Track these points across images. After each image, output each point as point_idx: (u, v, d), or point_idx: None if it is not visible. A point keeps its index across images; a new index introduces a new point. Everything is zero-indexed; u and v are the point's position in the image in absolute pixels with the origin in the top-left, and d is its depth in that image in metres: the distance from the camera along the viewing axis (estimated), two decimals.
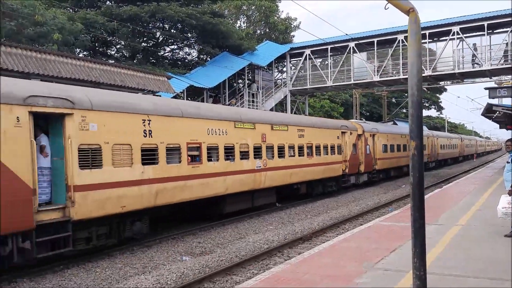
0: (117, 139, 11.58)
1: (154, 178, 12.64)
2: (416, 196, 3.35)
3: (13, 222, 8.95)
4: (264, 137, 18.31)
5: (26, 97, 9.50)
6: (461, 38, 32.73)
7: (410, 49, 3.39)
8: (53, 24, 24.13)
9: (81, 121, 10.66)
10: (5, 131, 9.03)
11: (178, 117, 13.85)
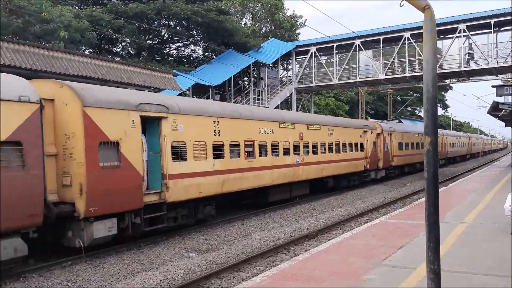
0: (196, 137, 14.26)
1: (221, 169, 15.30)
2: (430, 191, 3.37)
3: (130, 202, 11.71)
4: (301, 135, 20.74)
5: (138, 104, 12.17)
6: (468, 35, 32.60)
7: (426, 46, 3.41)
8: (60, 22, 24.23)
9: (173, 122, 13.30)
10: (125, 131, 11.65)
11: (238, 119, 16.53)
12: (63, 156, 10.82)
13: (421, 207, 15.06)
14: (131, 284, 8.96)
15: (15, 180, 9.29)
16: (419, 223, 11.82)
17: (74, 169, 10.70)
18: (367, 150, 27.96)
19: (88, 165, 10.69)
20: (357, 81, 38.01)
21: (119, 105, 11.72)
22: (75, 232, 10.79)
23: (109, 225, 11.25)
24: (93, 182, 10.76)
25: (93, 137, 10.92)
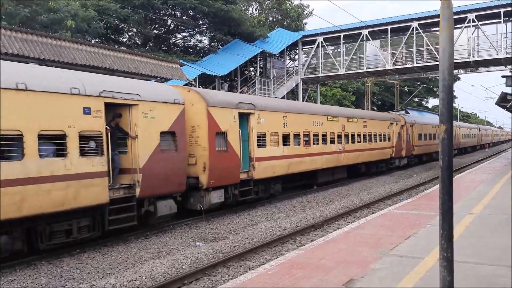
0: (272, 128, 17.96)
1: (288, 154, 19.02)
2: (445, 179, 3.37)
3: (232, 178, 15.60)
4: (343, 127, 24.36)
5: (237, 103, 16.23)
6: (477, 25, 32.30)
7: (442, 34, 3.39)
8: (67, 11, 24.23)
9: (258, 117, 17.11)
10: (230, 124, 15.46)
11: (299, 113, 20.28)
12: (189, 142, 14.49)
13: (428, 198, 15.05)
14: (139, 272, 9.03)
15: (171, 159, 12.92)
16: (426, 214, 11.81)
17: (199, 152, 14.55)
18: (393, 140, 31.25)
19: (209, 149, 14.56)
20: (364, 72, 37.84)
21: (227, 105, 15.64)
22: (195, 199, 14.64)
23: (220, 194, 15.20)
24: (212, 162, 14.59)
25: (212, 129, 14.75)
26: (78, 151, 10.21)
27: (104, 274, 9.26)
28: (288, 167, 19.01)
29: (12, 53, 12.73)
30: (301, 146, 20.05)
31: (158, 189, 12.48)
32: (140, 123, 12.02)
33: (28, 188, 9.14)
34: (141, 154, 11.96)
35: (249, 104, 16.87)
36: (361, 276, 6.69)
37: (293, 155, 19.36)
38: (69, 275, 9.19)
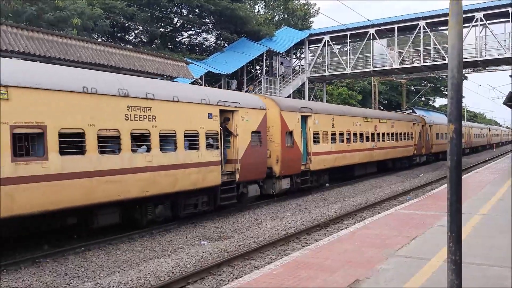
0: (323, 128, 21.49)
1: (334, 150, 22.51)
2: (453, 179, 3.29)
3: (296, 169, 19.21)
4: (376, 127, 27.90)
5: (300, 108, 19.82)
6: (485, 24, 32.06)
7: (452, 31, 3.31)
8: (73, 9, 24.29)
9: (314, 119, 20.52)
10: (295, 124, 18.99)
11: (343, 115, 23.99)
12: None
13: (434, 198, 14.94)
14: (144, 271, 9.00)
15: (258, 152, 16.55)
16: (432, 214, 11.72)
17: (272, 147, 17.98)
18: (415, 139, 34.42)
19: (281, 145, 18.04)
20: (370, 71, 37.68)
21: (292, 109, 19.30)
22: (268, 185, 17.98)
23: (287, 182, 18.67)
24: (283, 155, 18.04)
25: (283, 128, 18.25)
26: (205, 145, 13.91)
27: (108, 272, 9.24)
28: (335, 161, 22.66)
29: (18, 51, 12.75)
30: (344, 143, 23.69)
31: (249, 175, 16.21)
32: (239, 124, 15.67)
33: (178, 172, 12.94)
34: (239, 148, 15.59)
35: (307, 108, 20.64)
36: (367, 276, 6.63)
37: (338, 151, 22.95)
38: (74, 273, 9.18)
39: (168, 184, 12.49)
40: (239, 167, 15.45)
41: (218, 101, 14.57)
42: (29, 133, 9.37)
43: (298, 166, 19.35)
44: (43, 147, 9.51)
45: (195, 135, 13.59)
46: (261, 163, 16.87)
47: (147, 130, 11.97)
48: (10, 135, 8.91)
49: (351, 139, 24.34)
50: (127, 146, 11.38)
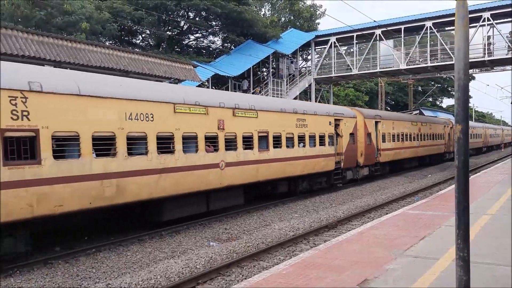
0: (388, 131, 28.09)
1: (394, 147, 29.08)
2: (461, 179, 3.36)
3: (372, 160, 25.69)
4: (419, 129, 34.35)
5: (374, 115, 26.49)
6: (492, 24, 31.94)
7: (458, 33, 3.38)
8: (81, 14, 24.51)
9: (382, 124, 27.02)
10: (372, 128, 26.00)
11: (399, 121, 30.76)
12: None
13: (442, 199, 14.93)
14: (154, 272, 9.11)
15: (353, 148, 23.36)
16: (441, 214, 11.73)
17: (358, 145, 24.28)
18: (445, 138, 41.43)
19: (364, 143, 24.81)
20: (377, 71, 37.64)
21: (371, 117, 26.18)
22: (354, 172, 24.27)
23: (367, 170, 25.67)
24: (365, 151, 24.86)
25: (365, 131, 25.00)
26: (328, 142, 21.17)
27: (119, 273, 9.36)
28: (394, 155, 29.15)
29: (29, 55, 12.92)
30: (400, 142, 29.99)
31: (348, 164, 23.06)
32: (343, 128, 22.64)
33: (316, 159, 20.14)
34: (343, 145, 22.58)
35: (379, 115, 27.72)
36: (376, 276, 6.68)
37: (397, 148, 29.35)
38: (85, 274, 9.30)
39: (312, 167, 19.93)
40: (343, 158, 22.49)
41: (334, 113, 22.21)
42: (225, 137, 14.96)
43: (373, 158, 26.20)
44: (236, 144, 15.26)
45: (323, 136, 20.92)
46: (354, 155, 23.87)
47: (303, 133, 19.28)
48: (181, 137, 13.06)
49: (404, 139, 30.86)
50: (296, 143, 18.74)
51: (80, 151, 10.17)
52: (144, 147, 11.69)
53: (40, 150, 9.35)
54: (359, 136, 24.11)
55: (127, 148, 11.13)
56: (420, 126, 34.35)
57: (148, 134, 11.73)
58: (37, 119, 9.32)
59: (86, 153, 10.26)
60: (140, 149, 11.67)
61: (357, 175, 24.48)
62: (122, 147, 11.01)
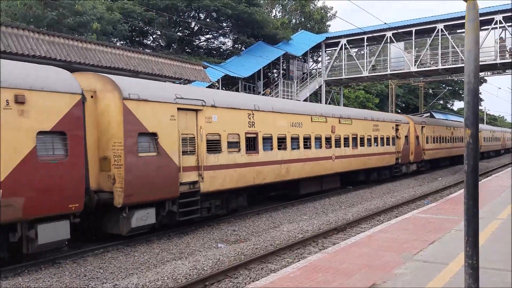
0: (430, 134, 33.68)
1: (435, 148, 34.88)
2: (470, 184, 3.29)
3: (420, 158, 31.76)
4: (452, 133, 40.37)
5: (421, 121, 33.14)
6: (504, 27, 31.63)
7: (468, 36, 3.32)
8: (92, 14, 24.63)
9: (426, 128, 33.20)
10: (419, 132, 31.68)
11: (439, 126, 36.98)
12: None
13: (453, 203, 14.78)
14: (161, 273, 9.09)
15: (406, 148, 29.26)
16: (451, 218, 11.61)
17: (410, 145, 29.50)
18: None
19: (414, 144, 30.08)
20: (388, 74, 37.42)
21: (418, 123, 31.75)
22: (407, 167, 29.48)
23: (415, 166, 30.81)
24: (415, 150, 30.24)
25: (415, 134, 30.34)
26: (392, 143, 26.42)
27: (127, 274, 9.36)
28: (434, 154, 34.90)
29: (40, 56, 12.99)
30: (438, 143, 35.84)
31: (403, 161, 28.79)
32: (401, 132, 28.46)
33: (382, 156, 25.76)
34: (401, 145, 28.22)
35: (424, 122, 33.72)
36: (384, 281, 6.61)
37: (436, 148, 35.15)
38: (93, 274, 9.32)
39: (381, 161, 25.98)
40: (400, 155, 28.08)
41: (395, 120, 28.27)
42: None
43: (420, 157, 31.34)
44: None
45: (388, 138, 26.78)
46: (407, 154, 29.24)
47: (376, 136, 25.30)
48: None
49: (441, 141, 36.52)
50: (372, 143, 24.93)
51: (272, 146, 16.69)
52: (297, 144, 18.23)
53: (258, 145, 15.90)
54: (410, 138, 29.70)
55: (290, 144, 17.75)
56: (452, 130, 40.71)
57: (299, 136, 18.38)
58: (257, 127, 15.86)
59: (275, 147, 16.82)
60: (295, 145, 18.11)
61: (408, 169, 29.87)
62: (289, 144, 17.61)
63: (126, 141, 10.92)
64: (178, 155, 12.32)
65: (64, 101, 9.70)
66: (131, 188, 10.96)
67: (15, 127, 8.82)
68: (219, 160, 13.82)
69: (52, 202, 9.42)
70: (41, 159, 9.25)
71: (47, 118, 9.37)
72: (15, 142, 8.83)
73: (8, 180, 8.68)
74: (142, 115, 11.42)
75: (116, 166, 10.91)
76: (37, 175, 9.14)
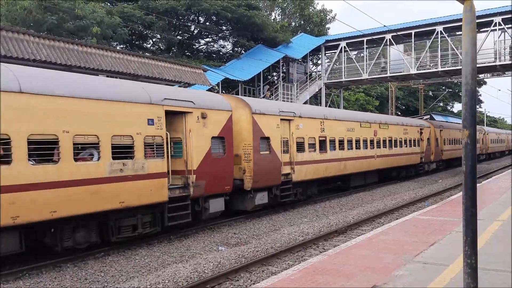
0: (447, 137, 37.80)
1: (449, 149, 38.01)
2: (468, 185, 3.32)
3: (437, 157, 35.31)
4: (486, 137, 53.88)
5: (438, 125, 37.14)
6: (503, 29, 31.68)
7: (465, 38, 3.35)
8: (92, 18, 24.69)
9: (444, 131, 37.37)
10: (431, 135, 33.56)
11: (448, 129, 38.69)
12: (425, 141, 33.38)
13: (453, 205, 14.79)
14: (162, 276, 9.11)
15: (428, 149, 33.02)
16: (451, 220, 11.62)
17: (431, 146, 33.41)
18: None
19: (434, 145, 34.03)
20: (387, 76, 37.46)
21: (437, 126, 35.72)
22: (428, 166, 33.62)
23: (435, 164, 34.79)
24: (434, 150, 34.00)
25: (435, 137, 34.27)
26: (416, 145, 31.00)
27: (127, 277, 9.36)
28: (450, 155, 38.35)
29: (40, 60, 13.03)
30: (453, 145, 39.36)
31: (426, 160, 32.74)
32: (424, 135, 32.01)
33: (407, 156, 29.41)
34: (424, 146, 31.41)
35: (441, 126, 37.03)
36: (385, 282, 6.62)
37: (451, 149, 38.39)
38: (94, 277, 9.32)
39: (409, 160, 29.80)
40: (423, 155, 32.24)
41: (419, 124, 32.39)
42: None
43: (439, 156, 35.62)
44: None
45: (415, 140, 30.75)
46: (429, 154, 33.08)
47: (405, 138, 29.23)
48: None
49: (455, 143, 40.05)
50: (403, 144, 28.85)
51: (335, 147, 20.94)
52: (351, 145, 22.52)
53: (327, 146, 20.27)
54: (431, 140, 33.28)
55: (347, 145, 22.05)
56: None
57: (353, 138, 22.67)
58: (326, 132, 20.22)
59: (337, 148, 21.07)
60: (349, 146, 22.38)
61: (429, 168, 33.62)
62: (346, 145, 21.89)
63: (254, 143, 15.42)
64: (280, 153, 16.83)
65: (224, 116, 14.25)
66: (256, 176, 15.42)
67: (201, 134, 13.23)
68: (303, 157, 18.31)
69: (218, 184, 13.90)
70: (213, 155, 13.67)
71: (216, 127, 13.83)
72: (201, 144, 13.24)
73: (198, 168, 13.00)
74: (262, 124, 15.89)
75: (246, 161, 15.30)
76: (211, 166, 13.52)
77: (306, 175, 18.56)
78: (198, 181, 12.88)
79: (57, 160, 9.35)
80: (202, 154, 13.12)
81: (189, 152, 12.82)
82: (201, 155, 13.07)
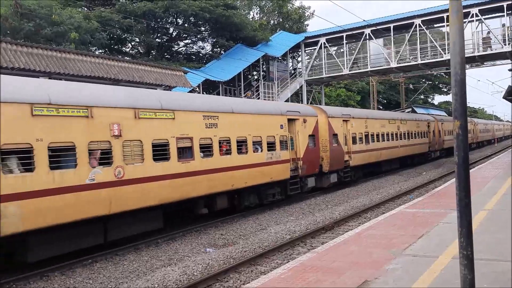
0: (447, 128, 42.42)
1: (449, 139, 42.04)
2: (461, 175, 3.32)
3: (440, 147, 41.48)
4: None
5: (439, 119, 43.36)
6: (480, 20, 32.11)
7: (452, 27, 3.35)
8: (70, 24, 24.35)
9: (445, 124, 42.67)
10: (435, 128, 40.12)
11: (448, 122, 42.54)
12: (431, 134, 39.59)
13: (438, 196, 14.94)
14: (151, 280, 9.01)
15: (433, 139, 39.55)
16: (438, 212, 11.72)
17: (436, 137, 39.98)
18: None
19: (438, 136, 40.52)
20: (368, 71, 37.70)
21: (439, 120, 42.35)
22: (434, 154, 39.89)
23: (438, 152, 41.09)
24: (438, 141, 40.20)
25: (438, 129, 40.56)
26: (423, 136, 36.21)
27: (116, 283, 9.25)
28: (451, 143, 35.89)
29: (19, 67, 12.80)
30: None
31: (432, 148, 39.10)
32: (430, 127, 38.43)
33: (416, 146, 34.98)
34: (430, 137, 38.13)
35: (442, 120, 42.45)
36: (375, 277, 6.63)
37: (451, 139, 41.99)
38: (82, 285, 9.19)
39: (418, 149, 34.55)
40: (430, 145, 37.69)
41: (427, 119, 37.80)
42: None
43: (442, 146, 41.15)
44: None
45: (424, 132, 36.18)
46: (434, 144, 39.10)
47: (418, 131, 35.20)
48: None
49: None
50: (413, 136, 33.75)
51: (374, 140, 26.53)
52: (383, 138, 27.90)
53: (369, 139, 26.15)
54: (435, 132, 39.29)
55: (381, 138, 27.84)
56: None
57: (384, 132, 28.21)
58: (368, 128, 26.16)
59: (375, 140, 26.84)
60: (383, 139, 27.96)
61: (435, 155, 39.55)
62: (380, 138, 27.55)
63: (330, 138, 21.42)
64: (343, 145, 23.00)
65: (314, 120, 20.40)
66: (331, 162, 21.32)
67: (303, 133, 19.33)
68: (356, 148, 24.19)
69: (311, 168, 19.82)
70: (309, 148, 19.59)
71: (310, 128, 19.96)
72: (303, 140, 19.31)
73: (303, 157, 18.94)
74: (333, 124, 22.03)
75: (324, 151, 21.05)
76: (309, 155, 19.49)
77: (358, 161, 24.57)
78: (303, 165, 18.87)
79: (245, 152, 15.76)
80: (304, 147, 19.13)
81: (298, 145, 18.82)
82: (304, 147, 19.08)
